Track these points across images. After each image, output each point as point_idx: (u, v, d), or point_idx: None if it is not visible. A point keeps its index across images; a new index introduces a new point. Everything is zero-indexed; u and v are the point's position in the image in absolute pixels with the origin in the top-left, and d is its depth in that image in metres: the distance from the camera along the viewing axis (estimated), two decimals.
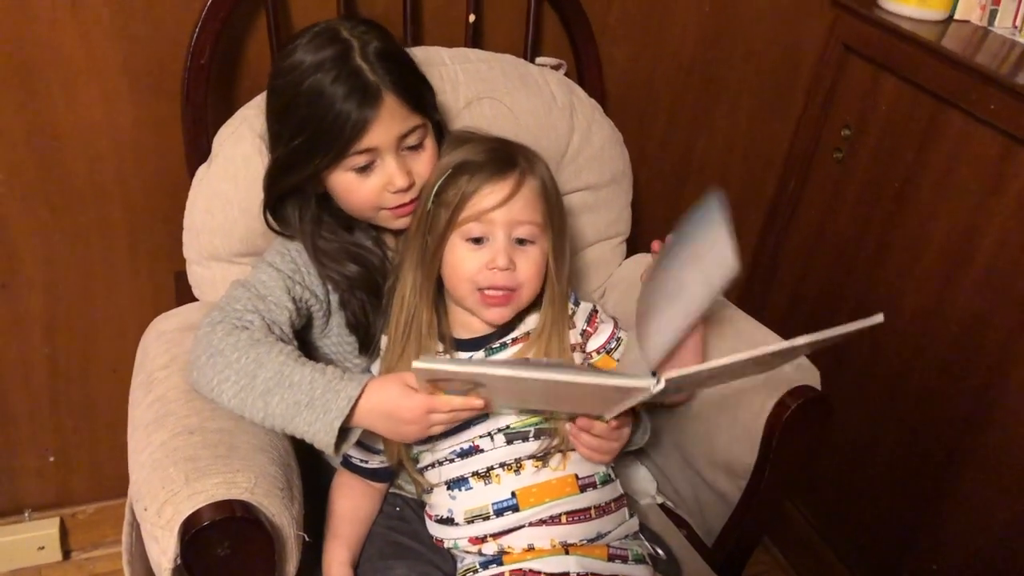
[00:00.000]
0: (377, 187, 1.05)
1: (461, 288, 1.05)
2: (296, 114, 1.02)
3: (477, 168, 1.03)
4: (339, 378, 0.96)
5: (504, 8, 1.41)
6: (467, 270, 1.03)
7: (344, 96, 0.99)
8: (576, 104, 1.32)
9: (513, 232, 1.03)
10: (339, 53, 1.00)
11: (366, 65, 1.00)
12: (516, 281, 1.04)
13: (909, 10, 1.51)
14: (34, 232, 1.34)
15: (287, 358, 0.97)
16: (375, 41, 1.02)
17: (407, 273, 1.07)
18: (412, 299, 1.06)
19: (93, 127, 1.29)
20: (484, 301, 1.04)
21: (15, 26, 1.19)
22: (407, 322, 1.06)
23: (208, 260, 1.18)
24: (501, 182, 1.02)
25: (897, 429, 1.55)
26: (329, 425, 0.93)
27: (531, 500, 1.03)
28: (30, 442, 1.52)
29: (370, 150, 1.02)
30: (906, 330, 1.52)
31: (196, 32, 1.18)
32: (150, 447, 0.94)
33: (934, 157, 1.45)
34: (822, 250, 1.71)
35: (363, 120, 1.00)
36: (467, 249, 1.03)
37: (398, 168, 1.04)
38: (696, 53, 1.60)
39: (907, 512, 1.55)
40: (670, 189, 1.73)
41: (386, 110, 1.01)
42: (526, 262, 1.04)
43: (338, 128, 1.00)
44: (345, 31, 1.02)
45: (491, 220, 1.02)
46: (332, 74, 0.99)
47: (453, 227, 1.02)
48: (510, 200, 1.02)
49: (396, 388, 0.95)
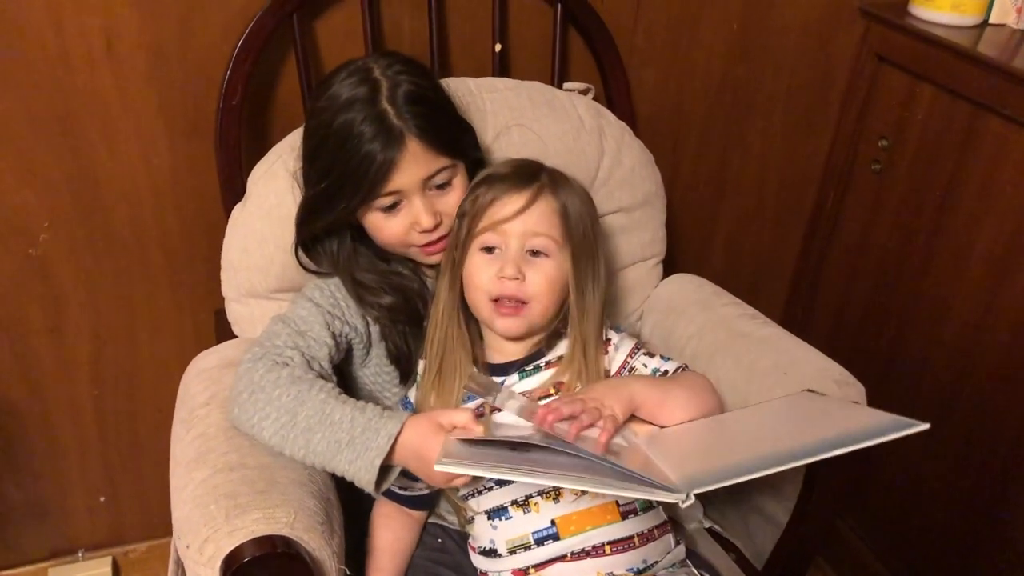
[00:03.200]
0: (404, 226, 1.06)
1: (476, 298, 1.05)
2: (326, 155, 1.03)
3: (497, 180, 1.04)
4: (379, 416, 0.96)
5: (530, 35, 1.42)
6: (480, 279, 1.04)
7: (370, 139, 1.00)
8: (605, 127, 1.32)
9: (526, 243, 1.03)
10: (367, 94, 1.01)
11: (392, 108, 1.00)
12: (526, 293, 1.03)
13: (942, 16, 1.49)
14: (79, 276, 1.37)
15: (328, 396, 0.97)
16: (406, 84, 1.02)
17: (440, 292, 1.08)
18: (444, 317, 1.07)
19: (132, 171, 1.32)
20: (496, 311, 1.04)
21: (54, 76, 1.22)
22: (440, 340, 1.07)
23: (246, 297, 1.19)
24: (517, 194, 1.03)
25: (950, 444, 1.51)
26: (370, 463, 0.94)
27: (571, 528, 1.02)
28: (81, 482, 1.55)
29: (395, 192, 1.03)
30: (955, 342, 1.48)
31: (228, 74, 1.20)
32: (191, 484, 0.95)
33: (975, 164, 1.42)
34: (865, 264, 1.68)
35: (387, 163, 1.00)
36: (482, 258, 1.04)
37: (424, 209, 1.04)
38: (726, 70, 1.59)
39: (963, 529, 1.50)
40: (705, 209, 1.72)
41: (409, 154, 1.01)
42: (536, 274, 1.03)
43: (363, 171, 1.01)
44: (378, 71, 1.03)
45: (505, 231, 1.03)
46: (360, 115, 1.00)
47: (472, 237, 1.04)
48: (525, 211, 1.02)
49: (426, 428, 0.95)
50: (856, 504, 1.72)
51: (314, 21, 1.30)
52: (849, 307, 1.73)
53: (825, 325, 1.79)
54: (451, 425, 0.95)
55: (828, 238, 1.76)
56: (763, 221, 1.78)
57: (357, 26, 1.29)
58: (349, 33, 1.31)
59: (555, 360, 1.09)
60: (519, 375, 1.08)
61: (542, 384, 1.07)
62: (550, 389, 1.06)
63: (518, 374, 1.08)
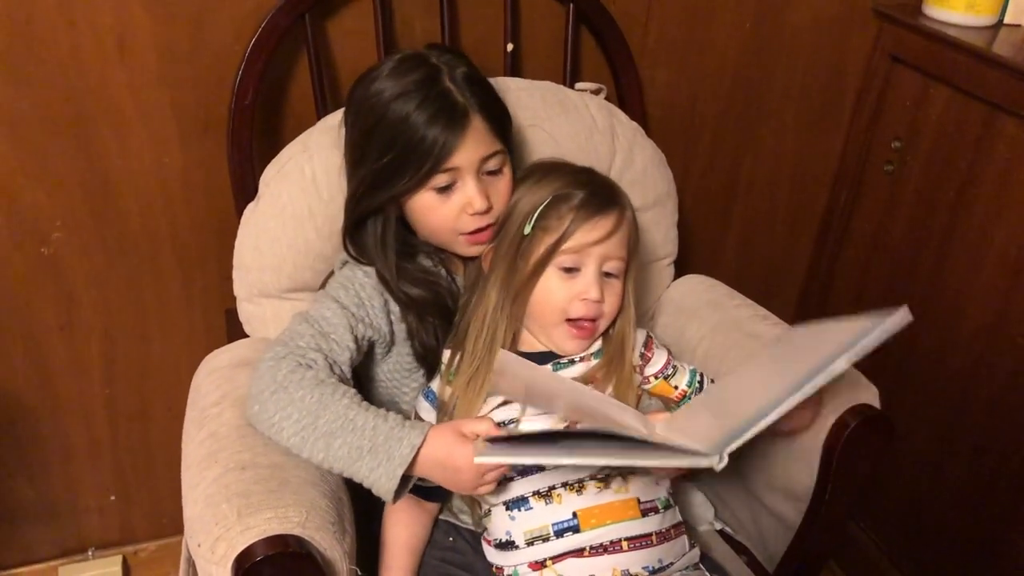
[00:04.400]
0: (456, 208, 1.06)
1: (550, 316, 1.06)
2: (382, 136, 1.04)
3: (583, 200, 1.05)
4: (401, 425, 0.96)
5: (542, 35, 1.42)
6: (559, 299, 1.05)
7: (431, 117, 1.01)
8: (617, 127, 1.32)
9: (603, 266, 1.05)
10: (427, 76, 1.03)
11: (454, 87, 1.03)
12: (601, 312, 1.06)
13: (956, 17, 1.48)
14: (91, 276, 1.38)
15: (351, 401, 0.97)
16: (462, 67, 1.05)
17: (491, 291, 1.08)
18: (494, 317, 1.07)
19: (144, 171, 1.32)
20: (570, 332, 1.07)
21: (67, 76, 1.22)
22: (484, 341, 1.08)
23: (258, 297, 1.19)
24: (605, 218, 1.05)
25: (965, 446, 1.50)
26: (392, 472, 0.94)
27: (592, 521, 1.02)
28: (92, 481, 1.55)
29: (453, 170, 1.04)
30: (970, 344, 1.47)
31: (239, 74, 1.20)
32: (203, 483, 0.95)
33: (989, 165, 1.41)
34: (877, 266, 1.67)
35: (451, 140, 1.02)
36: (559, 278, 1.05)
37: (477, 190, 1.05)
38: (738, 71, 1.58)
39: (978, 532, 1.49)
40: (717, 209, 1.72)
41: (472, 131, 1.03)
42: (612, 295, 1.07)
43: (426, 148, 1.02)
44: (433, 57, 1.06)
45: (588, 253, 1.04)
46: (420, 96, 1.02)
47: (553, 256, 1.04)
48: (611, 237, 1.05)
49: (451, 437, 0.96)
50: (869, 506, 1.71)
51: (326, 21, 1.30)
52: (862, 308, 1.68)
53: None
54: (474, 434, 0.96)
55: (841, 239, 1.75)
56: (776, 222, 1.78)
57: (369, 26, 1.29)
58: (361, 33, 1.31)
59: (587, 355, 1.10)
60: (553, 367, 1.09)
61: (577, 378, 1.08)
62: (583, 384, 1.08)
63: (552, 365, 1.09)
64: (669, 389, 1.14)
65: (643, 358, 1.13)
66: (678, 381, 1.14)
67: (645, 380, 1.13)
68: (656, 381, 1.13)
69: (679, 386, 1.13)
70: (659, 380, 1.13)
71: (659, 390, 1.14)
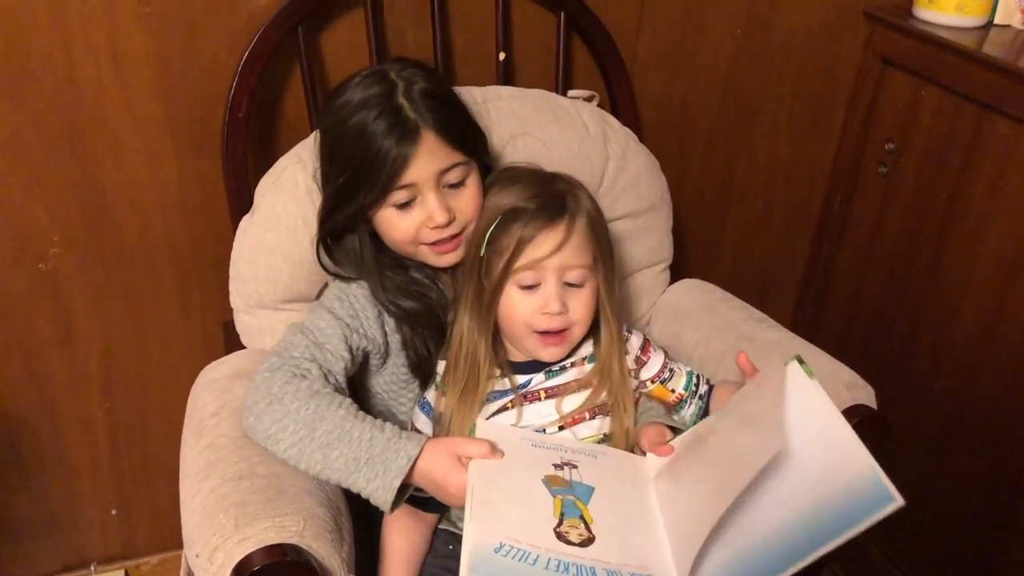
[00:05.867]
0: (417, 222, 1.06)
1: (519, 330, 1.06)
2: (342, 152, 1.05)
3: (529, 216, 1.03)
4: (398, 436, 0.97)
5: (534, 43, 1.43)
6: (521, 315, 1.05)
7: (384, 132, 1.01)
8: (609, 133, 1.32)
9: (564, 277, 1.04)
10: (383, 92, 1.03)
11: (407, 103, 1.03)
12: (569, 321, 1.05)
13: (946, 18, 1.49)
14: (89, 291, 1.38)
15: (347, 412, 0.98)
16: (421, 82, 1.05)
17: (463, 313, 1.08)
18: (470, 338, 1.08)
19: (140, 185, 1.33)
20: (540, 342, 1.06)
21: (62, 92, 1.23)
22: (466, 358, 1.08)
23: (254, 308, 1.20)
24: (553, 230, 1.03)
25: (963, 446, 1.50)
26: (388, 483, 0.94)
27: None
28: (93, 496, 1.56)
29: (410, 186, 1.04)
30: (965, 345, 1.47)
31: (233, 87, 1.21)
32: (200, 494, 0.95)
33: (982, 165, 1.42)
34: (873, 267, 1.67)
35: (402, 156, 1.02)
36: (520, 295, 1.04)
37: (438, 204, 1.05)
38: (730, 76, 1.59)
39: (978, 532, 1.49)
40: (713, 214, 1.72)
41: (424, 146, 1.02)
42: (577, 302, 1.05)
43: (379, 164, 1.02)
44: (393, 73, 1.06)
45: (543, 267, 1.03)
46: (375, 111, 1.02)
47: (509, 275, 1.03)
48: (562, 248, 1.03)
49: (446, 459, 0.96)
50: None
51: (319, 33, 1.31)
52: (859, 310, 1.72)
53: (835, 329, 1.78)
54: (467, 457, 0.96)
55: (836, 241, 1.75)
56: (771, 225, 1.78)
57: (362, 37, 1.30)
58: (354, 45, 1.32)
59: (579, 360, 1.10)
60: (545, 375, 1.09)
61: (568, 382, 1.09)
62: (577, 389, 1.09)
63: (544, 374, 1.09)
64: (667, 393, 1.14)
65: (638, 362, 1.13)
66: (675, 384, 1.14)
67: (642, 384, 1.14)
68: (653, 385, 1.14)
69: (676, 389, 1.14)
70: (656, 384, 1.14)
71: (657, 394, 1.14)
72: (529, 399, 1.08)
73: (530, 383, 1.09)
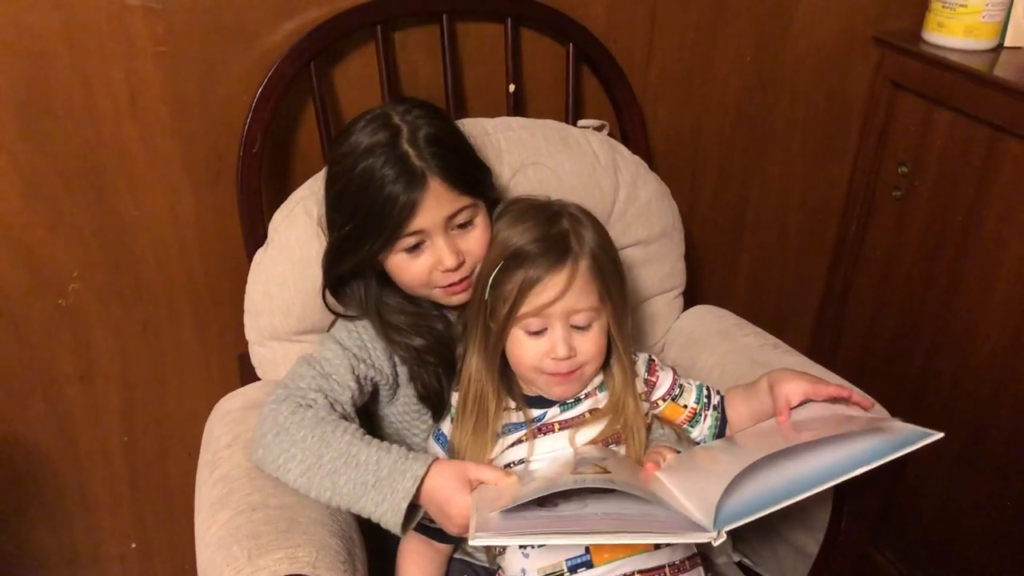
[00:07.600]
0: (427, 267, 1.06)
1: (528, 372, 1.06)
2: (349, 199, 1.05)
3: (531, 261, 1.01)
4: (404, 457, 0.97)
5: (543, 74, 1.44)
6: (529, 359, 1.04)
7: (391, 180, 1.01)
8: (619, 161, 1.33)
9: (570, 320, 1.03)
10: (388, 139, 1.03)
11: (413, 151, 1.02)
12: (578, 363, 1.05)
13: (956, 41, 1.49)
14: (108, 325, 1.40)
15: (353, 437, 0.98)
16: (425, 127, 1.04)
17: (471, 354, 1.08)
18: (478, 380, 1.07)
19: (158, 220, 1.35)
20: (553, 380, 1.05)
21: (82, 130, 1.26)
22: (475, 399, 1.08)
23: (269, 340, 1.21)
24: (556, 275, 1.01)
25: (988, 470, 1.48)
26: (396, 505, 0.94)
27: (605, 556, 1.01)
28: (112, 530, 1.56)
29: (418, 232, 1.04)
30: (986, 366, 1.46)
31: (247, 123, 1.23)
32: (215, 525, 0.96)
33: (996, 187, 1.41)
34: (890, 292, 1.66)
35: (410, 204, 1.01)
36: (528, 339, 1.04)
37: (447, 248, 1.05)
38: (741, 102, 1.60)
39: (1007, 558, 1.46)
40: (727, 240, 1.72)
41: (432, 194, 1.02)
42: (586, 343, 1.04)
43: (387, 212, 1.02)
44: (397, 116, 1.05)
45: (548, 313, 1.02)
46: (381, 159, 1.02)
47: (513, 321, 1.03)
48: (566, 293, 1.01)
49: (453, 480, 0.96)
50: (892, 534, 1.68)
51: (331, 69, 1.33)
52: (877, 334, 1.71)
53: (854, 353, 1.77)
54: (478, 480, 0.96)
55: (853, 266, 1.74)
56: (786, 251, 1.78)
57: (374, 72, 1.32)
58: (366, 79, 1.34)
59: (592, 390, 1.10)
60: (560, 408, 1.08)
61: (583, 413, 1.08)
62: (591, 421, 1.08)
63: (559, 407, 1.08)
64: (679, 410, 1.13)
65: (648, 383, 1.13)
66: (686, 400, 1.13)
67: (654, 405, 1.13)
68: (664, 404, 1.13)
69: (688, 404, 1.13)
70: (667, 402, 1.13)
71: (668, 413, 1.13)
72: (543, 431, 1.08)
73: (545, 416, 1.08)
